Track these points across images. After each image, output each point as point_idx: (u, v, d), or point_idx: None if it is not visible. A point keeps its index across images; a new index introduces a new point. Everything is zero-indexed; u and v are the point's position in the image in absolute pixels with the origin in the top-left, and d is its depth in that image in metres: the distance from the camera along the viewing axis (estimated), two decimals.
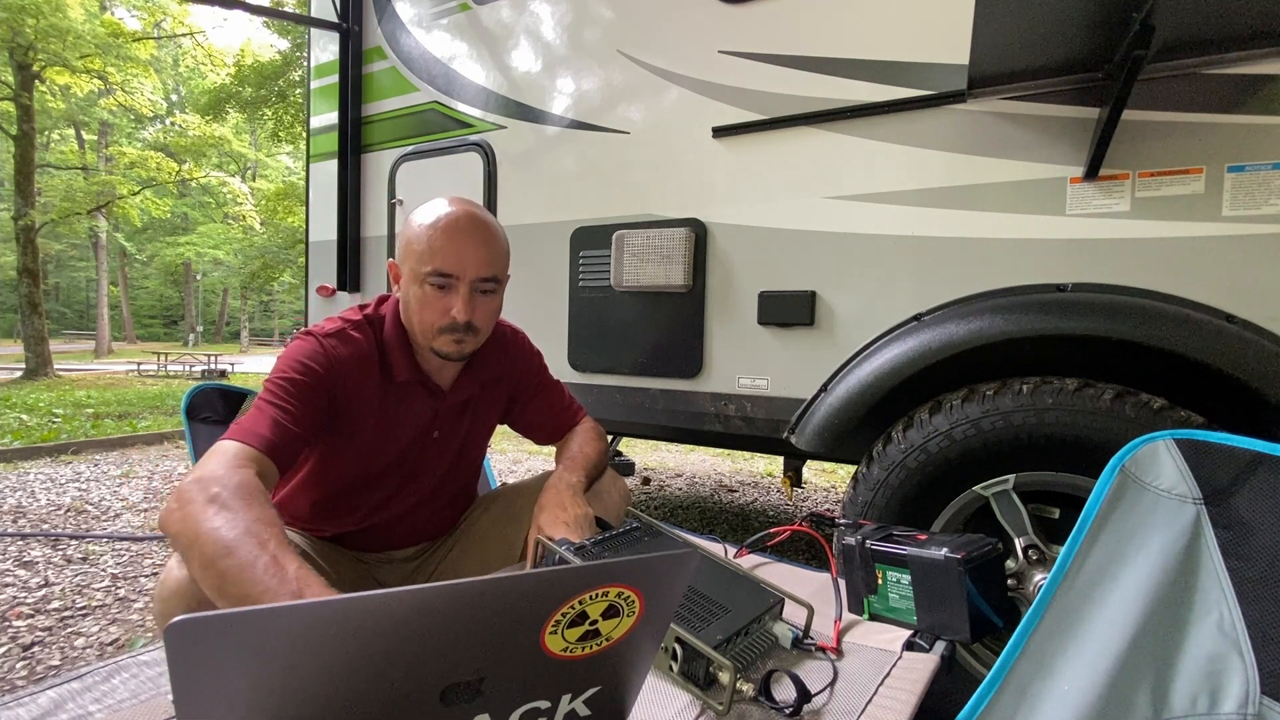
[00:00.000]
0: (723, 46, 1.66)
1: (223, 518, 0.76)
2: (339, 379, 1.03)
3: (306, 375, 0.99)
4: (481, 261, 1.04)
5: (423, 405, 1.14)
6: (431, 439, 1.17)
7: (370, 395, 1.07)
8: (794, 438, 1.57)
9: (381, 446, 1.11)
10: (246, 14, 3.74)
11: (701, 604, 0.89)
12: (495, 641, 0.50)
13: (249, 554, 0.73)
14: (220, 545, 0.74)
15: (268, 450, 0.89)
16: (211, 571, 0.73)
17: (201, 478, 0.80)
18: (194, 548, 0.75)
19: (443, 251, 1.01)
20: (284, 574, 0.72)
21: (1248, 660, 0.73)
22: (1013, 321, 1.29)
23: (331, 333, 1.05)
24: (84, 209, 11.72)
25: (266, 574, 0.72)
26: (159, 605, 0.79)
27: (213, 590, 0.74)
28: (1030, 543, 1.28)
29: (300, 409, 0.96)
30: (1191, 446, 0.82)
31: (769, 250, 1.62)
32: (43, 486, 3.60)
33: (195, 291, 30.97)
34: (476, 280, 1.04)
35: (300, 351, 1.01)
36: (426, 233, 1.02)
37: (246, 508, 0.78)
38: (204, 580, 0.75)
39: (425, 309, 1.04)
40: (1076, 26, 1.14)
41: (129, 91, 12.70)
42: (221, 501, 0.77)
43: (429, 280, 1.02)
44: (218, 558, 0.73)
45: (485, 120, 2.06)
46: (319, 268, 2.45)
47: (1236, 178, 1.18)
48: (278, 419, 0.93)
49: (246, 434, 0.89)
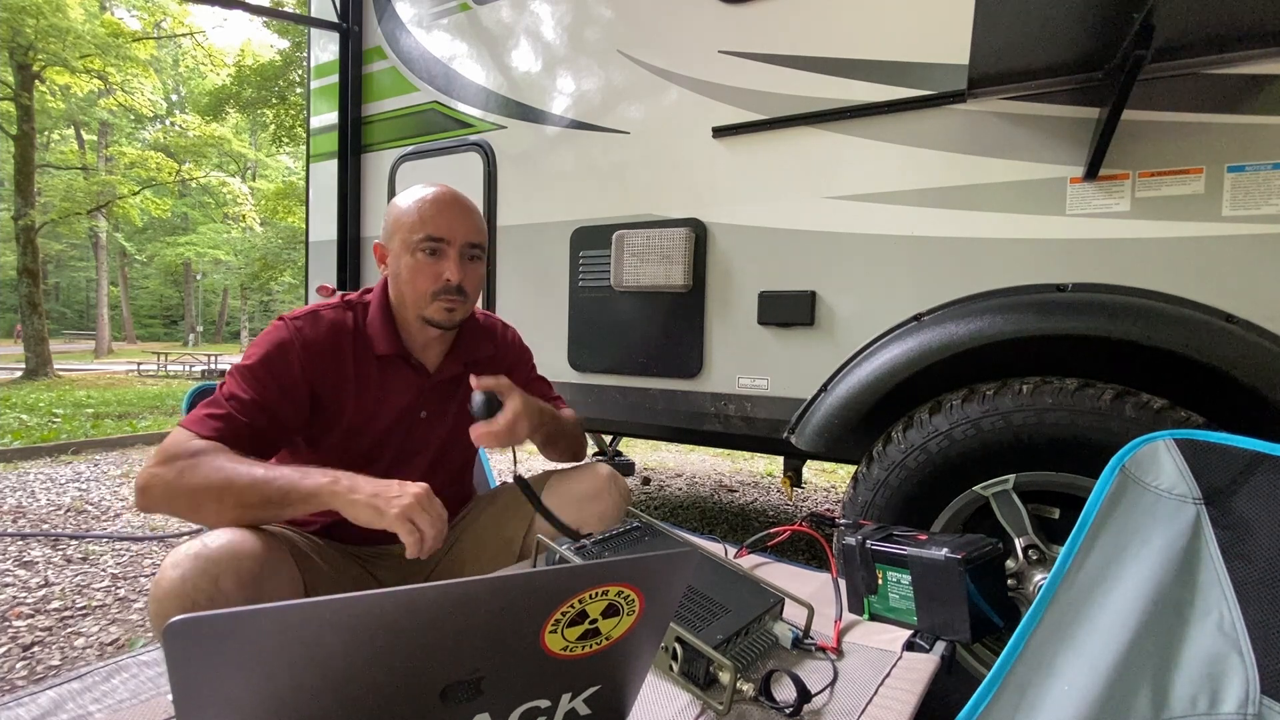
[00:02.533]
0: (723, 46, 1.66)
1: (199, 472, 0.88)
2: (309, 360, 1.06)
3: (267, 364, 1.03)
4: (469, 228, 1.12)
5: (406, 382, 1.16)
6: (419, 419, 1.18)
7: (347, 372, 1.10)
8: (794, 438, 1.57)
9: (365, 424, 1.13)
10: (246, 14, 3.75)
11: (702, 604, 0.89)
12: (495, 640, 0.50)
13: (245, 475, 0.88)
14: (216, 484, 0.87)
15: (216, 439, 0.94)
16: (228, 504, 0.87)
17: (163, 457, 0.91)
18: (195, 500, 0.88)
19: (434, 219, 1.09)
20: (285, 470, 0.90)
21: (1248, 660, 0.73)
22: (1013, 321, 1.29)
23: (300, 315, 1.09)
24: (84, 209, 11.72)
25: (271, 473, 0.88)
26: (154, 606, 0.80)
27: (234, 514, 0.88)
28: (1030, 543, 1.28)
29: (254, 399, 1.00)
30: (1191, 446, 0.82)
31: (769, 250, 1.62)
32: (43, 486, 3.60)
33: (195, 291, 30.97)
34: (465, 245, 1.12)
35: (264, 338, 1.06)
36: (416, 205, 1.11)
37: (215, 454, 0.91)
38: (221, 516, 0.88)
39: (418, 276, 1.10)
40: (1076, 26, 1.14)
41: (129, 91, 12.69)
42: (189, 462, 0.89)
43: (421, 247, 1.09)
44: (223, 492, 0.87)
45: (485, 120, 2.06)
46: (319, 268, 2.44)
47: (1236, 178, 1.18)
48: (230, 411, 0.98)
49: (197, 423, 0.95)
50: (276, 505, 0.90)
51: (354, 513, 0.88)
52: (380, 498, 0.87)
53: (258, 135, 20.04)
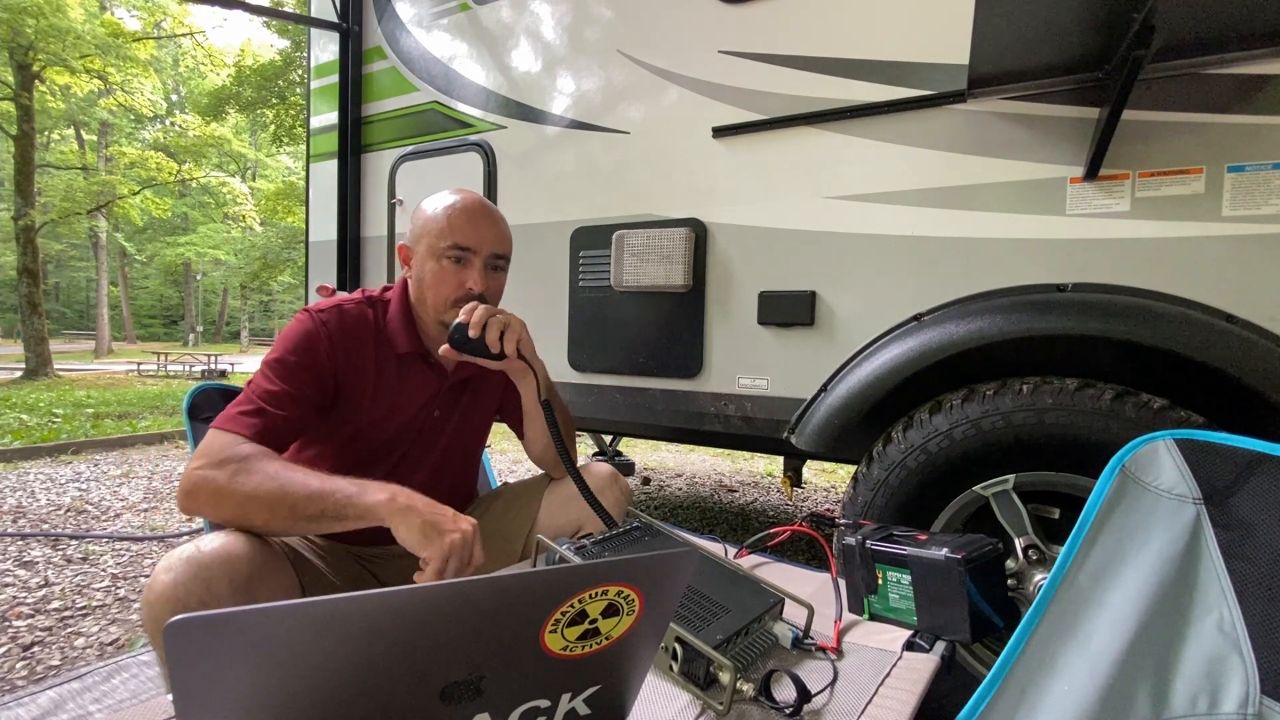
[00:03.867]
0: (723, 46, 1.66)
1: (252, 478, 0.88)
2: (335, 352, 1.06)
3: (297, 355, 1.03)
4: (496, 239, 1.13)
5: (424, 381, 1.16)
6: (431, 418, 1.19)
7: (368, 368, 1.10)
8: (794, 438, 1.57)
9: (381, 421, 1.13)
10: (246, 14, 3.75)
11: (702, 604, 0.89)
12: (495, 640, 0.50)
13: (300, 485, 0.87)
14: (270, 492, 0.87)
15: (255, 438, 0.94)
16: (280, 513, 0.87)
17: (211, 460, 0.89)
18: (246, 507, 0.87)
19: (462, 229, 1.10)
20: (342, 481, 0.89)
21: (1248, 660, 0.73)
22: (1013, 321, 1.29)
23: (325, 308, 1.09)
24: (84, 209, 11.73)
25: (329, 485, 0.88)
26: (146, 610, 0.79)
27: (285, 524, 0.89)
28: (1030, 543, 1.28)
29: (288, 391, 1.00)
30: (1191, 446, 0.82)
31: (769, 250, 1.62)
32: (43, 486, 3.60)
33: (195, 291, 30.97)
34: (490, 256, 1.12)
35: (292, 331, 1.06)
36: (445, 212, 1.11)
37: (266, 459, 0.91)
38: (271, 526, 0.89)
39: (441, 283, 1.10)
40: (1076, 26, 1.14)
41: (129, 91, 12.70)
42: (240, 466, 0.89)
43: (447, 254, 1.09)
44: (277, 502, 0.86)
45: (485, 120, 2.06)
46: (319, 267, 2.45)
47: (1236, 178, 1.18)
48: (265, 407, 0.97)
49: (233, 422, 0.95)
50: (332, 519, 0.88)
51: (404, 532, 0.86)
52: (434, 527, 0.86)
53: (258, 135, 20.06)
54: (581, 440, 4.53)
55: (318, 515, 0.88)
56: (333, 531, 0.92)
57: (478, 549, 0.88)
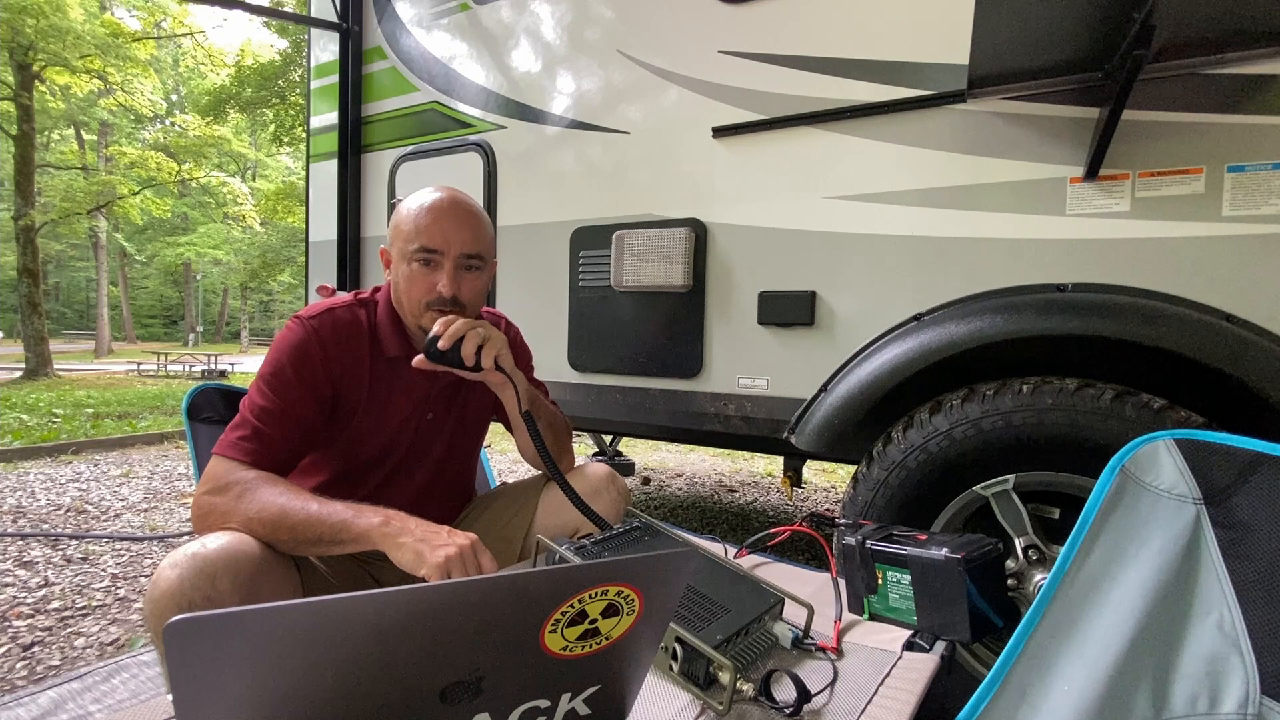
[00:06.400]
0: (723, 46, 1.66)
1: (254, 504, 0.90)
2: (329, 358, 1.06)
3: (291, 368, 1.03)
4: (465, 239, 1.09)
5: (416, 384, 1.15)
6: (426, 421, 1.18)
7: (361, 371, 1.10)
8: (794, 438, 1.57)
9: (375, 426, 1.12)
10: (246, 14, 3.75)
11: (701, 604, 0.89)
12: (495, 641, 0.50)
13: (300, 510, 0.89)
14: (271, 516, 0.89)
15: (254, 463, 0.96)
16: (282, 536, 0.89)
17: (215, 486, 0.93)
18: (250, 529, 0.88)
19: (428, 230, 1.07)
20: (339, 506, 0.91)
21: (1248, 660, 0.73)
22: (1013, 321, 1.29)
23: (315, 314, 1.08)
24: (84, 209, 11.73)
25: (326, 510, 0.90)
26: (150, 606, 0.79)
27: (288, 546, 0.91)
28: (1030, 543, 1.28)
29: (283, 407, 1.00)
30: (1191, 446, 0.82)
31: (769, 250, 1.62)
32: (43, 486, 3.60)
33: (195, 291, 30.97)
34: (461, 256, 1.09)
35: (284, 342, 1.05)
36: (413, 214, 1.09)
37: (267, 484, 0.93)
38: (278, 546, 0.90)
39: (413, 286, 1.09)
40: (1076, 26, 1.14)
41: (129, 91, 12.69)
42: (243, 489, 0.92)
43: (415, 257, 1.07)
44: (278, 525, 0.88)
45: (485, 120, 2.06)
46: (319, 267, 2.45)
47: (1236, 178, 1.18)
48: (259, 428, 0.99)
49: (232, 448, 0.97)
50: (329, 543, 0.90)
51: (398, 555, 0.86)
52: (426, 544, 0.85)
53: (258, 135, 20.02)
54: (582, 440, 4.53)
55: (315, 540, 0.90)
56: (333, 554, 0.93)
57: (485, 560, 0.87)
